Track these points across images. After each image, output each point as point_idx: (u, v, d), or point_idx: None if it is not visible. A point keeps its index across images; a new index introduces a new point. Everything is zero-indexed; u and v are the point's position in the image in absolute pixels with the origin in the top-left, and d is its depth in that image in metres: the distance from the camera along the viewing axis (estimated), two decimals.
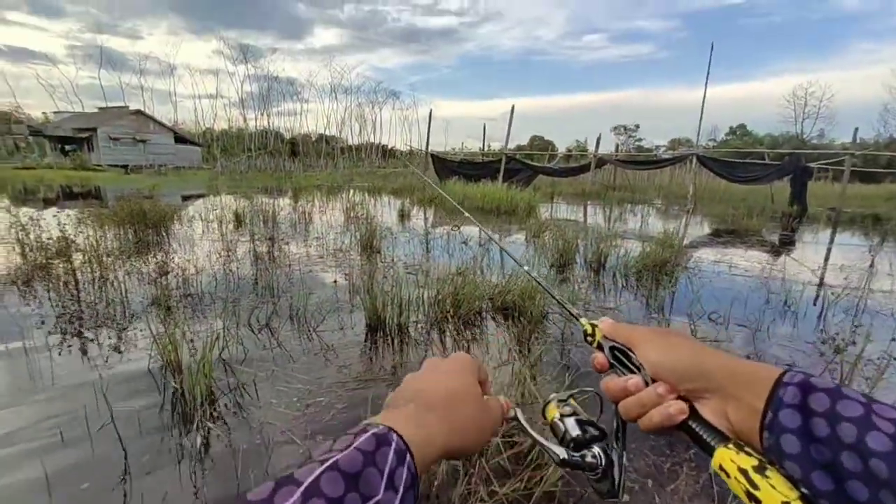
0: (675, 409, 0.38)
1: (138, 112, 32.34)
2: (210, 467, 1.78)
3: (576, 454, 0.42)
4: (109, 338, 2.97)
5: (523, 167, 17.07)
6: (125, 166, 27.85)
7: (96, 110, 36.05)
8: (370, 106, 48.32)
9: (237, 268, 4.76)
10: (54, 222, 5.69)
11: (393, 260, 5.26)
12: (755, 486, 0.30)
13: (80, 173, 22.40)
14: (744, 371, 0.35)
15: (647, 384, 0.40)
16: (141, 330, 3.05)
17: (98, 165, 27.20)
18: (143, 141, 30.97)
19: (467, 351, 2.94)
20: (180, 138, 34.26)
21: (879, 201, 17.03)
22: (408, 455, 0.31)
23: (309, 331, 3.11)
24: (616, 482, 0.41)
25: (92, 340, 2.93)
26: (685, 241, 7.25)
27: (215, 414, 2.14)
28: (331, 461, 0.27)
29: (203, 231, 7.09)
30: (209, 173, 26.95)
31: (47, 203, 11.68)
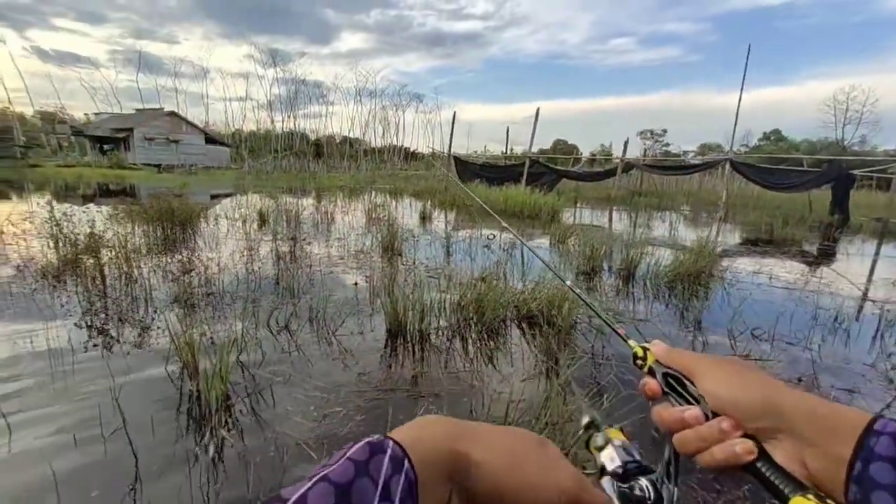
0: (742, 448, 0.34)
1: (172, 113, 33.51)
2: (223, 478, 1.70)
3: (623, 485, 0.38)
4: (131, 336, 2.96)
5: (547, 171, 16.80)
6: (158, 165, 28.87)
7: (133, 112, 37.56)
8: (394, 109, 48.71)
9: (259, 267, 4.75)
10: (88, 218, 5.85)
11: (414, 263, 5.16)
12: None
13: (115, 171, 23.31)
14: (827, 414, 0.32)
15: (707, 417, 0.36)
16: (161, 329, 3.04)
17: (133, 164, 28.28)
18: (176, 141, 32.05)
19: (490, 360, 2.81)
20: (210, 139, 35.31)
21: None
22: (406, 461, 0.28)
23: (328, 334, 3.03)
24: None
25: (114, 339, 2.92)
26: (719, 250, 6.90)
27: (230, 420, 2.07)
28: (320, 475, 0.25)
29: (228, 229, 7.18)
30: (237, 173, 27.66)
31: (85, 199, 12.15)
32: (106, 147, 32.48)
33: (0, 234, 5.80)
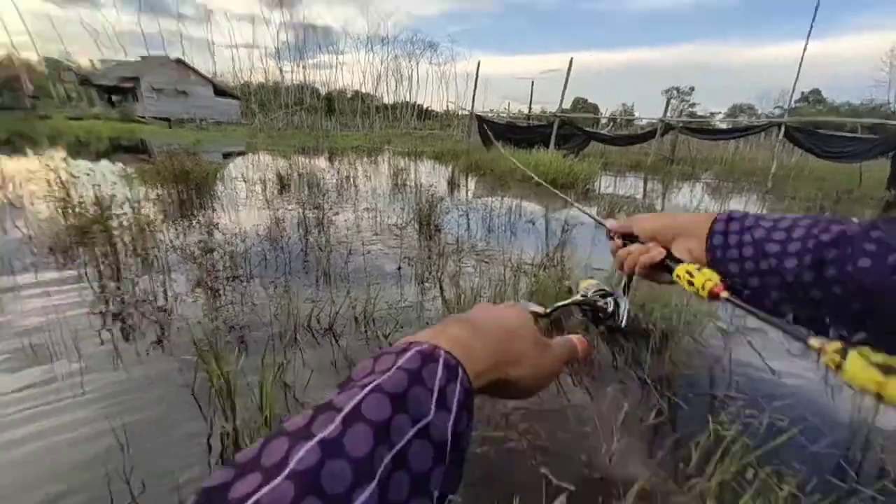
0: (655, 251, 0.52)
1: (179, 61, 32.05)
2: None
3: (591, 304, 0.56)
4: (147, 344, 2.51)
5: (577, 132, 15.69)
6: (168, 119, 28.01)
7: (139, 59, 36.12)
8: (407, 59, 46.17)
9: (286, 242, 4.25)
10: (103, 179, 5.35)
11: (458, 242, 4.61)
12: (691, 275, 0.45)
13: (126, 125, 22.58)
14: (699, 218, 0.51)
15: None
16: (180, 326, 2.58)
17: (142, 118, 27.45)
18: (185, 93, 30.92)
19: (571, 373, 2.32)
20: (219, 91, 34.01)
21: None
22: (459, 370, 0.28)
23: (379, 340, 2.55)
24: (620, 316, 0.55)
25: (128, 337, 2.48)
26: None
27: None
28: (373, 384, 0.24)
29: (247, 195, 6.65)
30: (248, 129, 26.74)
31: (98, 155, 11.67)
32: (114, 98, 31.58)
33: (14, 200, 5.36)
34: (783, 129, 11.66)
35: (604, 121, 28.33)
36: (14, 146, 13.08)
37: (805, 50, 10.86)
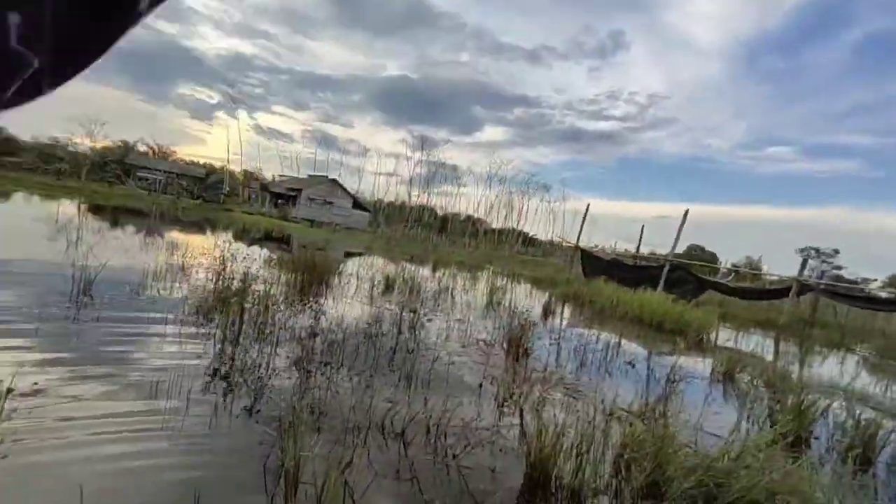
0: None
1: (333, 180, 39.71)
2: None
3: None
4: (243, 397, 2.73)
5: (691, 278, 14.65)
6: (312, 221, 33.70)
7: (306, 176, 45.68)
8: (520, 195, 50.27)
9: (380, 339, 4.48)
10: (251, 259, 6.53)
11: (546, 370, 4.36)
12: None
13: (280, 222, 27.71)
14: None
15: None
16: (270, 398, 2.76)
17: (294, 218, 33.50)
18: (331, 202, 37.44)
19: None
20: (357, 204, 40.48)
21: None
22: None
23: (448, 458, 2.39)
24: None
25: (227, 396, 2.73)
26: None
27: None
28: None
29: (356, 290, 7.35)
30: (372, 236, 30.59)
31: (253, 241, 14.30)
32: (280, 201, 39.53)
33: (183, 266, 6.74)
34: None
35: (723, 270, 26.20)
36: (200, 227, 16.79)
37: None
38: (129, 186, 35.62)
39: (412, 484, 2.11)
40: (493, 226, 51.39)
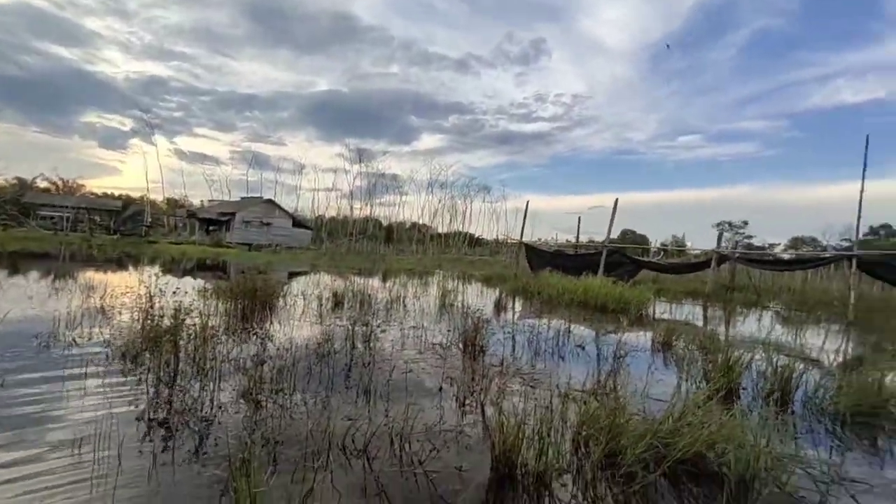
0: None
1: (269, 201, 37.87)
2: None
3: None
4: (186, 441, 2.52)
5: (627, 260, 15.70)
6: (250, 244, 31.89)
7: (238, 199, 43.13)
8: (462, 199, 51.09)
9: (333, 357, 4.33)
10: (183, 291, 6.02)
11: (503, 364, 4.46)
12: None
13: (214, 249, 25.95)
14: None
15: None
16: (218, 437, 2.58)
17: (229, 243, 31.50)
18: (268, 224, 35.65)
19: None
20: (297, 223, 38.88)
21: None
22: None
23: (414, 465, 2.37)
24: None
25: (167, 442, 2.51)
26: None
27: None
28: None
29: (303, 311, 7.06)
30: (315, 253, 29.54)
31: (185, 272, 13.25)
32: (211, 228, 36.98)
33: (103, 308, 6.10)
34: (855, 261, 10.98)
35: (654, 250, 28.38)
36: (120, 263, 15.28)
37: (862, 189, 10.86)
38: (30, 227, 31.64)
39: (380, 499, 2.06)
40: (439, 230, 51.80)
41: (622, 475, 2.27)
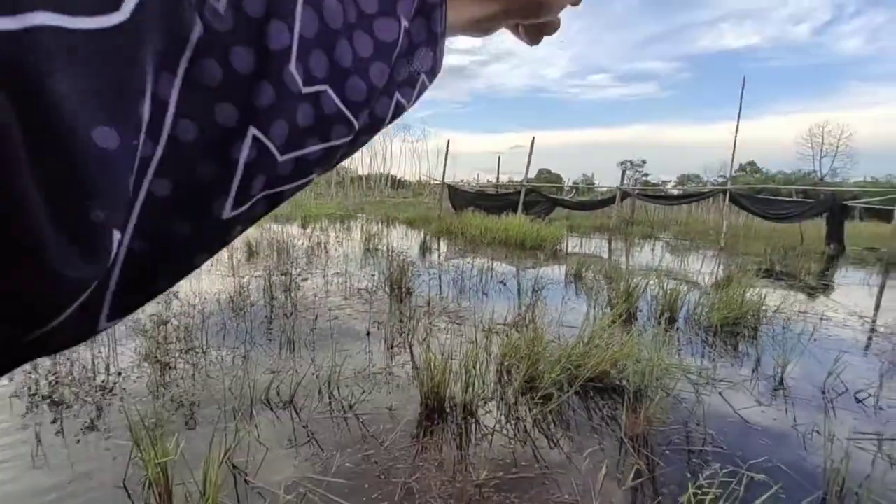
0: None
1: None
2: None
3: None
4: (80, 415, 2.24)
5: (542, 199, 16.54)
6: None
7: None
8: (381, 138, 48.88)
9: (250, 310, 4.07)
10: None
11: (429, 304, 4.54)
12: None
13: None
14: None
15: None
16: (120, 406, 2.33)
17: None
18: None
19: (555, 444, 2.19)
20: None
21: None
22: None
23: (344, 411, 2.37)
24: None
25: (56, 421, 2.20)
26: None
27: None
28: None
29: (211, 263, 6.45)
30: None
31: None
32: None
33: None
34: (728, 194, 12.71)
35: (567, 188, 30.20)
36: None
37: (737, 130, 12.30)
38: None
39: (310, 446, 2.04)
40: (360, 172, 49.60)
41: (540, 397, 2.50)
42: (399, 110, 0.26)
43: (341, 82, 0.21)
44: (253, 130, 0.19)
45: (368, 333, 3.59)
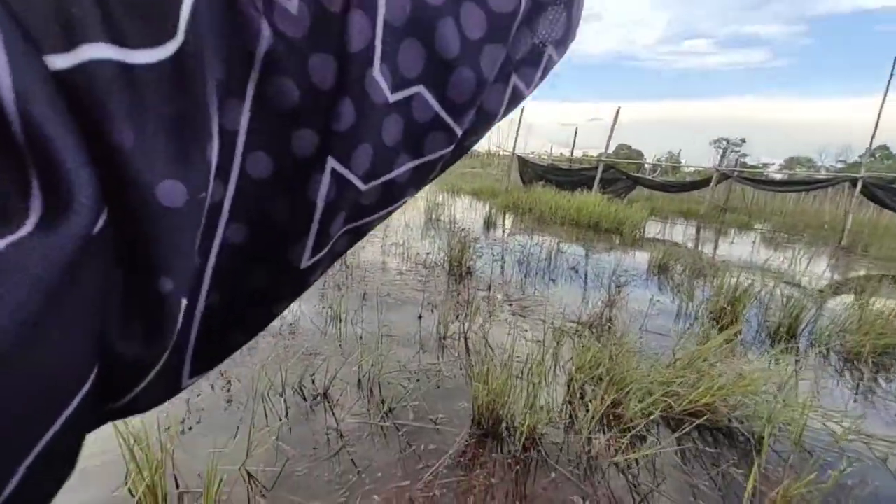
0: None
1: None
2: None
3: None
4: None
5: (622, 177, 15.04)
6: None
7: None
8: None
9: None
10: None
11: (490, 289, 4.08)
12: None
13: None
14: None
15: None
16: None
17: None
18: None
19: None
20: None
21: None
22: None
23: (383, 417, 2.02)
24: None
25: None
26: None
27: None
28: None
29: None
30: None
31: None
32: None
33: None
34: (860, 183, 10.52)
35: (648, 167, 27.58)
36: None
37: (882, 106, 9.96)
38: None
39: (340, 459, 1.72)
40: None
41: (622, 431, 1.97)
42: (516, 99, 0.19)
43: (442, 78, 0.15)
44: (332, 163, 0.14)
45: (420, 317, 3.23)
